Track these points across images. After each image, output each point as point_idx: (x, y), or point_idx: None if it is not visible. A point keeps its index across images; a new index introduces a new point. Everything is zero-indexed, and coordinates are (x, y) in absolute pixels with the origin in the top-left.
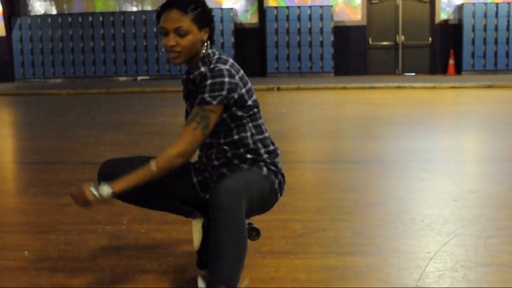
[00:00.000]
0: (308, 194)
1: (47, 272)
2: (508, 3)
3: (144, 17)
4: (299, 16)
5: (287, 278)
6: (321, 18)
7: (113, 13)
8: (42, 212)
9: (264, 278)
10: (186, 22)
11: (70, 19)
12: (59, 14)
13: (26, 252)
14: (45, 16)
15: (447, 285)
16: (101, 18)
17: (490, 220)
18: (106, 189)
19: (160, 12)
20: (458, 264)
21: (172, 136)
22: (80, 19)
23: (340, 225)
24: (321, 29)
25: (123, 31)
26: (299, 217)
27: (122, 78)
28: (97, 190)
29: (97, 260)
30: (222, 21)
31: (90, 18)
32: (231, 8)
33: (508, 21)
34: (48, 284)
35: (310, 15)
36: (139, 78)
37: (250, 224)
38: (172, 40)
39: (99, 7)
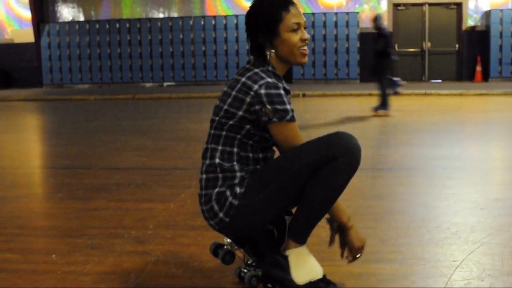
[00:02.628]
0: None
1: (74, 276)
2: None
3: (170, 24)
4: (325, 22)
5: None
6: (347, 25)
7: (139, 20)
8: (69, 217)
9: None
10: None
11: (97, 26)
12: (87, 20)
13: (53, 256)
14: (73, 22)
15: None
16: (128, 25)
17: None
18: None
19: (285, 6)
20: (485, 273)
21: (198, 142)
22: (107, 26)
23: (366, 233)
24: (347, 35)
25: (149, 38)
26: (325, 224)
27: (148, 84)
28: None
29: (123, 264)
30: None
31: (117, 25)
32: None
33: None
34: (75, 287)
35: (336, 22)
36: (165, 84)
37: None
38: (306, 34)
39: (126, 14)
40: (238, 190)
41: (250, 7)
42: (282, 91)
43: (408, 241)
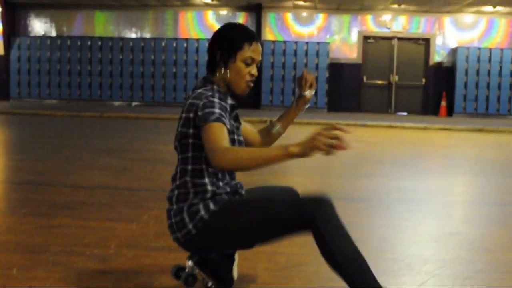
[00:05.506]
0: None
1: None
2: (501, 49)
3: (142, 44)
4: (295, 51)
5: None
6: (317, 54)
7: (112, 38)
8: (32, 233)
9: None
10: None
11: (69, 42)
12: (59, 36)
13: (14, 271)
14: (45, 37)
15: None
16: (99, 43)
17: (469, 263)
18: None
19: (250, 40)
20: None
21: (164, 164)
22: (79, 42)
23: (322, 260)
24: (317, 65)
25: (120, 57)
26: (284, 251)
27: (116, 103)
28: None
29: (83, 282)
30: None
31: (89, 42)
32: None
33: (501, 67)
34: None
35: (306, 51)
36: (133, 103)
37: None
38: (256, 71)
39: (99, 32)
40: (212, 206)
41: (221, 27)
42: (215, 99)
43: None
